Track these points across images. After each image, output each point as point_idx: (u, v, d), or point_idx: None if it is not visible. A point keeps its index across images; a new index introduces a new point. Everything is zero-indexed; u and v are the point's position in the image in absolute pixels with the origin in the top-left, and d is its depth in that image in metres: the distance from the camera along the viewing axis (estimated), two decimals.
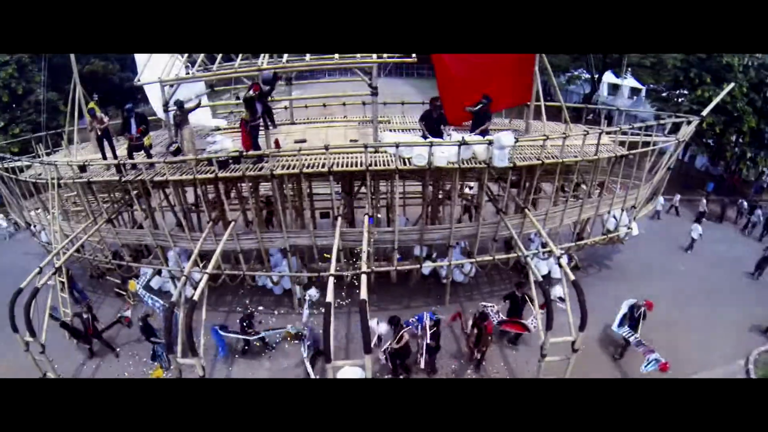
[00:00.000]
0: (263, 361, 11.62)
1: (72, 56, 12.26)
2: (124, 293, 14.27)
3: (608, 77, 29.97)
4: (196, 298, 8.60)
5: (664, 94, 22.98)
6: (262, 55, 10.53)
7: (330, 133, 12.62)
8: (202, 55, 11.45)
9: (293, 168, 9.93)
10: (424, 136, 10.74)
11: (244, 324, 11.27)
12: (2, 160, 13.09)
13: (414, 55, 9.89)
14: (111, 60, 28.71)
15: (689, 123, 14.38)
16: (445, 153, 9.81)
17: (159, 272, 13.55)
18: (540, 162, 11.01)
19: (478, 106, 11.13)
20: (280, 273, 12.73)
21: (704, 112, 15.05)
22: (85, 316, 11.46)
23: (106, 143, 11.33)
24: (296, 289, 12.99)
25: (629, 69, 27.50)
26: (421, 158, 9.72)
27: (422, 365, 10.14)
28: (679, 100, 20.94)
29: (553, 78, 12.86)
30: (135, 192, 11.54)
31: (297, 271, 12.55)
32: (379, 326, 9.98)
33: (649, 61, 23.42)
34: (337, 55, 9.94)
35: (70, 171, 11.71)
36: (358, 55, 9.89)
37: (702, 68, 19.84)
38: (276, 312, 13.33)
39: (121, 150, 12.40)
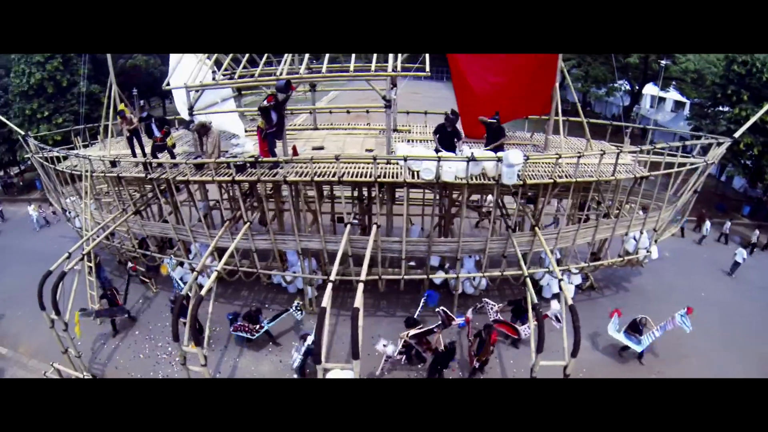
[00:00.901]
0: (270, 355, 12.24)
1: (109, 58, 13.19)
2: (148, 281, 15.32)
3: (651, 89, 29.11)
4: (203, 293, 9.22)
5: (707, 110, 22.13)
6: (281, 63, 11.06)
7: (348, 141, 13.07)
8: (228, 59, 12.11)
9: (306, 175, 10.42)
10: (437, 150, 11.00)
11: (250, 318, 12.00)
12: (42, 150, 14.24)
13: (428, 69, 10.17)
14: (153, 55, 30.27)
15: (720, 144, 13.96)
16: (453, 168, 10.04)
17: (182, 263, 14.41)
18: (552, 181, 11.02)
19: (491, 122, 11.30)
20: (293, 274, 13.31)
21: (737, 134, 14.58)
22: (108, 293, 12.87)
23: (135, 142, 12.20)
24: (308, 289, 13.52)
25: (673, 82, 26.58)
26: (429, 172, 10.02)
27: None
28: (718, 118, 20.23)
29: (575, 92, 12.77)
30: (160, 188, 12.37)
31: (312, 272, 13.09)
32: (386, 348, 10.47)
33: (689, 76, 22.63)
34: (351, 67, 10.34)
35: (102, 165, 12.64)
36: (372, 67, 10.26)
37: (741, 85, 19.10)
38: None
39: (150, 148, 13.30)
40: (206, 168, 11.22)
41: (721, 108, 20.25)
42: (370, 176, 10.21)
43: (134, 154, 12.37)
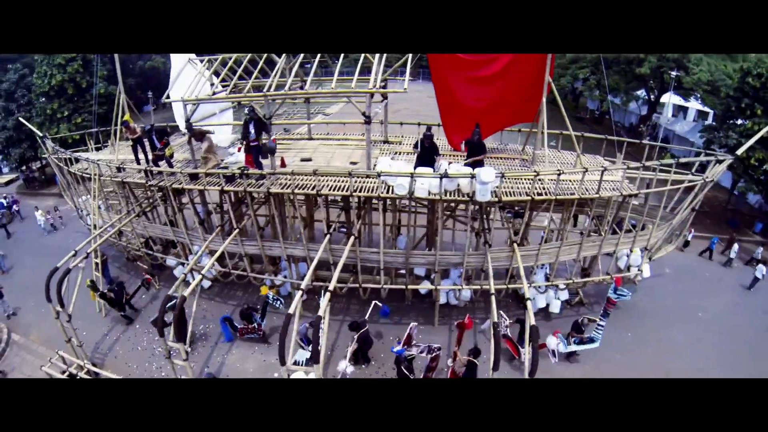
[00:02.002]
0: (256, 354, 13.37)
1: (118, 68, 14.51)
2: (151, 278, 16.73)
3: (672, 98, 28.96)
4: (186, 293, 10.33)
5: (723, 123, 21.86)
6: (272, 75, 12.04)
7: (338, 152, 13.94)
8: (225, 70, 13.22)
9: (288, 187, 11.41)
10: (417, 164, 11.71)
11: (245, 317, 13.21)
12: (57, 152, 15.76)
13: (406, 86, 10.97)
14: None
15: (720, 162, 13.79)
16: (426, 184, 10.76)
17: (182, 264, 15.69)
18: (529, 198, 11.49)
19: (474, 138, 11.88)
20: (282, 278, 14.36)
21: (739, 151, 14.44)
22: (116, 288, 14.35)
23: (139, 149, 13.44)
24: (296, 292, 14.49)
25: (697, 93, 26.11)
26: (402, 188, 10.79)
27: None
28: (730, 132, 20.11)
29: (564, 110, 13.11)
30: (160, 194, 13.64)
31: (303, 276, 14.02)
32: (346, 369, 11.21)
33: (702, 88, 22.50)
34: (333, 84, 11.23)
35: (109, 170, 13.98)
36: (353, 84, 11.08)
37: (755, 98, 18.98)
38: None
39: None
40: (200, 177, 12.40)
41: (735, 121, 20.09)
42: (347, 190, 11.07)
43: (138, 161, 13.64)
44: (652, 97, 27.41)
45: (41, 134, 17.62)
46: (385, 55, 11.99)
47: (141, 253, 15.97)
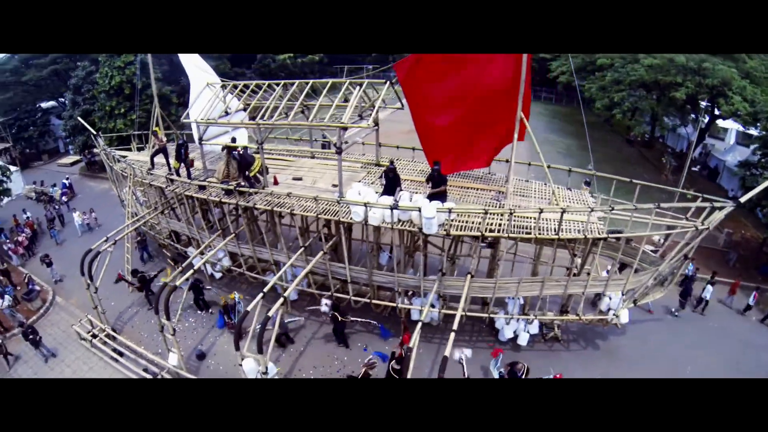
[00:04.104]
0: (242, 341, 16.86)
1: (153, 85, 18.85)
2: (173, 264, 21.12)
3: (732, 125, 28.76)
4: (178, 283, 14.18)
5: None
6: (270, 98, 15.43)
7: (327, 174, 17.01)
8: (237, 90, 16.98)
9: (269, 204, 14.88)
10: (384, 193, 14.47)
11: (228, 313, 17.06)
12: (105, 150, 20.63)
13: (371, 122, 13.86)
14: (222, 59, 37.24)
15: (720, 209, 13.55)
16: (378, 214, 13.52)
17: (201, 253, 19.71)
18: (479, 234, 13.45)
19: (434, 173, 13.99)
20: (272, 280, 17.78)
21: (743, 199, 13.76)
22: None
23: (163, 156, 17.62)
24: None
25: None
26: (357, 215, 13.69)
27: None
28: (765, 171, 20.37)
29: (536, 142, 14.79)
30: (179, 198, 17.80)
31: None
32: (326, 306, 15.03)
33: (743, 119, 22.59)
34: (311, 117, 14.44)
35: (140, 172, 18.34)
36: (327, 118, 14.02)
37: None
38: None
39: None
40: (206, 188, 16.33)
41: None
42: (314, 212, 14.26)
43: (152, 166, 17.96)
44: (702, 123, 27.39)
45: (94, 132, 22.65)
46: (363, 87, 14.89)
47: (166, 243, 20.40)
